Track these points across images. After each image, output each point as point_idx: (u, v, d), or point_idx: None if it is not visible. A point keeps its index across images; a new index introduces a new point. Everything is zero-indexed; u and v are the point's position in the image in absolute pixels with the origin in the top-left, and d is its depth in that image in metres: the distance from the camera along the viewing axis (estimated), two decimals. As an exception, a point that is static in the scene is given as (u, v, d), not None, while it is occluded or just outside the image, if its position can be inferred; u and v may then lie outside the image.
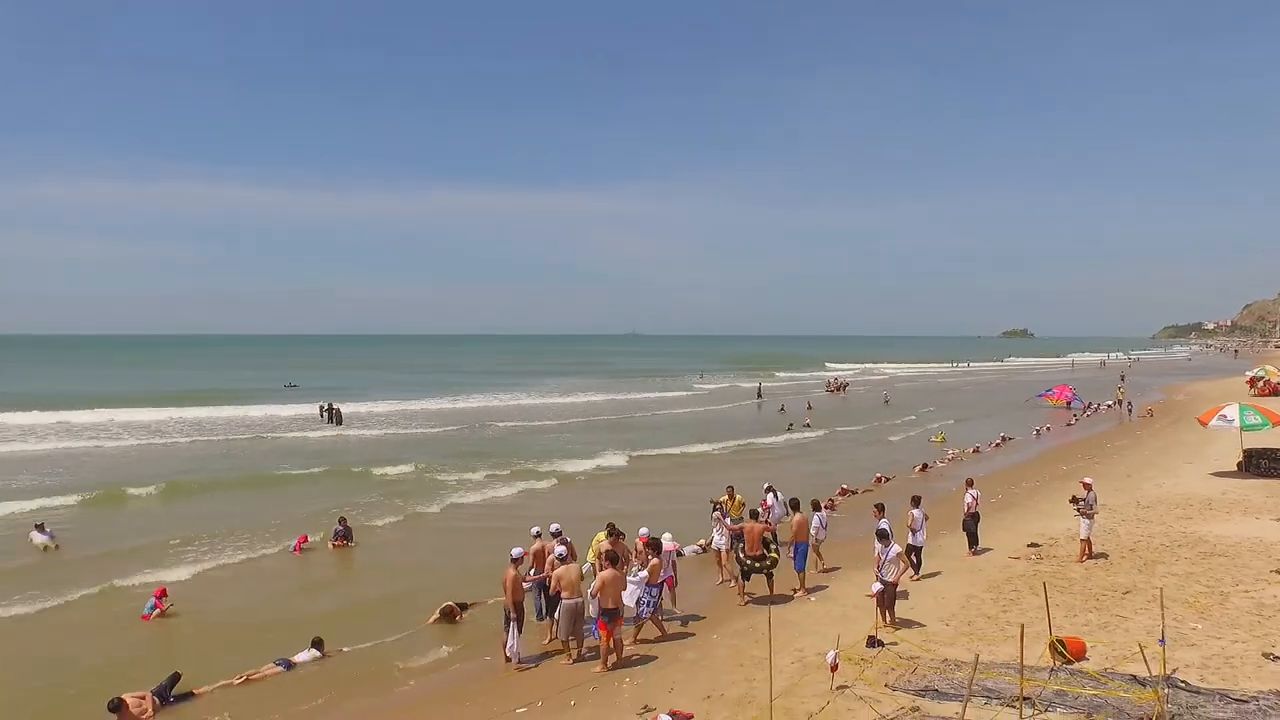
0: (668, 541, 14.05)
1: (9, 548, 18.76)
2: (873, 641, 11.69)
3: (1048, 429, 41.19)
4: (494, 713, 10.43)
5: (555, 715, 10.32)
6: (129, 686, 10.83)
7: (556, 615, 12.45)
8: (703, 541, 17.68)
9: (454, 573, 16.43)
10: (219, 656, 12.50)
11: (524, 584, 12.54)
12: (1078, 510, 16.04)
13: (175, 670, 11.58)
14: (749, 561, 14.47)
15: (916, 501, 16.06)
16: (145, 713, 10.73)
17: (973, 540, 17.10)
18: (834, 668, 10.16)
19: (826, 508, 21.66)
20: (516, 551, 12.55)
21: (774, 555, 14.46)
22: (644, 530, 13.94)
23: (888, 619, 12.57)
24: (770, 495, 18.01)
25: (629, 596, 12.42)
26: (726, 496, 18.01)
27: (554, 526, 14.26)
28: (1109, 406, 50.82)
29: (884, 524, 13.61)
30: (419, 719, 10.63)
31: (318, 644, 12.82)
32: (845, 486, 24.64)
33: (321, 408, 46.53)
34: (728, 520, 16.17)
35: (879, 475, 27.06)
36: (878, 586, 12.51)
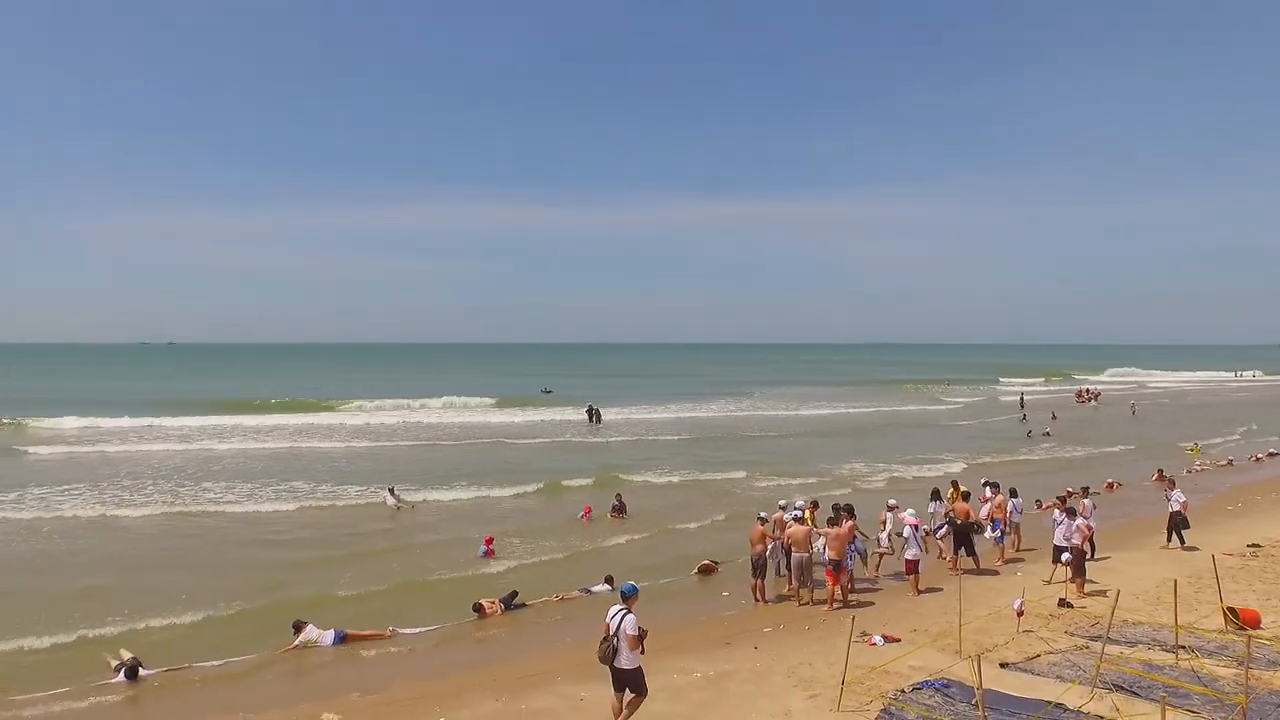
0: (910, 516, 16.64)
1: (379, 512, 24.87)
2: (1063, 603, 13.86)
3: (1329, 446, 38.20)
4: (747, 630, 13.85)
5: (793, 635, 13.53)
6: (481, 595, 15.58)
7: (791, 567, 15.71)
8: (926, 527, 20.10)
9: (719, 544, 19.78)
10: (539, 583, 16.94)
11: (768, 541, 15.91)
12: (1295, 512, 16.82)
13: (514, 589, 16.10)
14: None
15: (1086, 491, 19.04)
16: (495, 613, 15.36)
17: (1180, 536, 18.26)
18: (1020, 613, 12.57)
19: (1047, 507, 23.24)
20: (764, 514, 16.00)
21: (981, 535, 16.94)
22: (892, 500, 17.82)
23: (1078, 584, 14.61)
24: (987, 489, 20.05)
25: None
26: (952, 488, 20.46)
27: (799, 500, 17.39)
28: None
29: (1076, 507, 15.73)
30: (692, 630, 14.17)
31: (609, 580, 16.95)
32: (1070, 490, 25.60)
33: (588, 410, 52.29)
34: (942, 506, 18.60)
35: (1110, 481, 27.62)
36: (1066, 555, 14.62)
